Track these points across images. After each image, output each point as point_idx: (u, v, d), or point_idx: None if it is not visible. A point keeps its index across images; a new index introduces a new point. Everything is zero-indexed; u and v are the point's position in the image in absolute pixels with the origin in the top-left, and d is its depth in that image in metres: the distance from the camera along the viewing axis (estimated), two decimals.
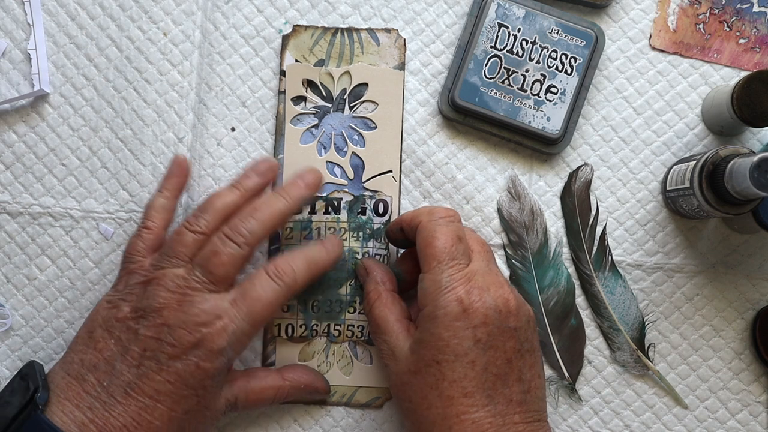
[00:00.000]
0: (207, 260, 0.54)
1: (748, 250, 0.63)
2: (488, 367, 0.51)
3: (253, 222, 0.55)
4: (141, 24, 0.63)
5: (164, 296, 0.53)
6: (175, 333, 0.52)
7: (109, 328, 0.54)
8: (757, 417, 0.63)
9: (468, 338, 0.51)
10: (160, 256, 0.55)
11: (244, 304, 0.53)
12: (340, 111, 0.63)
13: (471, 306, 0.51)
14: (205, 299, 0.53)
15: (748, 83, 0.58)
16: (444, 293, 0.52)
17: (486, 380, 0.51)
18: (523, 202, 0.63)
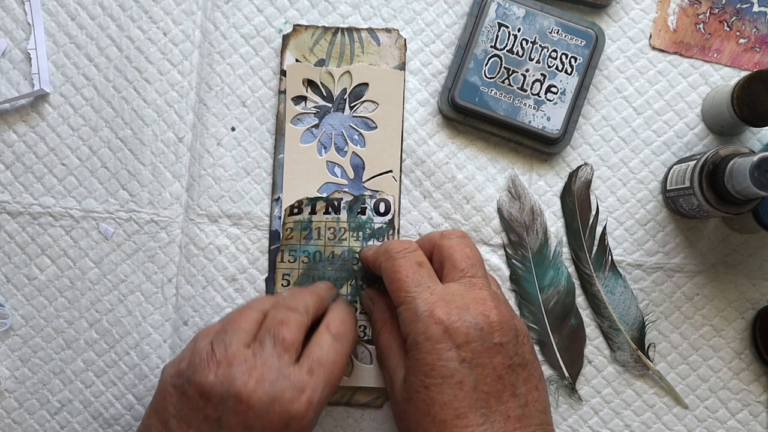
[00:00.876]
0: (275, 329, 0.53)
1: (748, 250, 0.63)
2: (478, 385, 0.50)
3: (305, 295, 0.56)
4: (141, 24, 0.63)
5: (241, 379, 0.50)
6: (264, 418, 0.50)
7: (185, 419, 0.51)
8: (757, 417, 0.63)
9: (452, 359, 0.50)
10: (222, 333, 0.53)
11: (321, 370, 0.52)
12: (341, 111, 0.63)
13: (452, 326, 0.51)
14: (284, 375, 0.51)
15: (748, 83, 0.58)
16: (422, 318, 0.51)
17: (478, 399, 0.50)
18: (523, 202, 0.63)
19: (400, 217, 0.63)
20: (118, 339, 0.62)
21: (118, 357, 0.62)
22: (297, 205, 0.63)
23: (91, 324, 0.62)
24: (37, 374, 0.62)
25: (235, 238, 0.63)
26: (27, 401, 0.62)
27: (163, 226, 0.63)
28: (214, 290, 0.62)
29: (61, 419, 0.62)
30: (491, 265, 0.63)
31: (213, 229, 0.63)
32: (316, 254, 0.62)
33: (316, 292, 0.57)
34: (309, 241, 0.63)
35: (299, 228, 0.63)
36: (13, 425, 0.62)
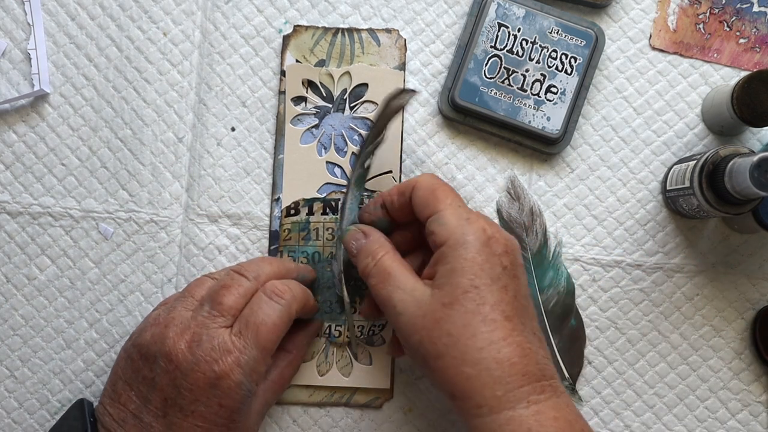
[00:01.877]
0: (215, 293, 0.54)
1: (748, 250, 0.63)
2: (517, 295, 0.51)
3: (264, 263, 0.57)
4: (141, 24, 0.63)
5: (173, 338, 0.52)
6: (189, 377, 0.51)
7: (128, 380, 0.54)
8: (757, 417, 0.63)
9: (497, 264, 0.51)
10: (174, 301, 0.55)
11: (248, 331, 0.53)
12: (341, 111, 0.63)
13: (494, 235, 0.51)
14: (212, 336, 0.52)
15: (748, 83, 0.57)
16: (469, 222, 0.52)
17: (518, 307, 0.51)
18: (523, 203, 0.63)
19: None
20: (118, 339, 0.62)
21: None
22: (294, 206, 0.63)
23: (91, 324, 0.62)
24: (37, 374, 0.62)
25: (234, 238, 0.63)
26: (27, 401, 0.62)
27: (162, 226, 0.63)
28: None
29: None
30: None
31: (213, 229, 0.63)
32: (315, 255, 0.62)
33: (279, 262, 0.58)
34: (308, 242, 0.63)
35: (297, 229, 0.62)
36: (13, 425, 0.62)
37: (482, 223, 0.52)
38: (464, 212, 0.52)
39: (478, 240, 0.51)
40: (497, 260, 0.51)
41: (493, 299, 0.50)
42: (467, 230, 0.51)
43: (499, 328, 0.49)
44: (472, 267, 0.50)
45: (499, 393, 0.48)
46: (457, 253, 0.51)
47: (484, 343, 0.49)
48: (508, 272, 0.51)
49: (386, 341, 0.62)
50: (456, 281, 0.50)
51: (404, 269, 0.53)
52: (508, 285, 0.50)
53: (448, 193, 0.54)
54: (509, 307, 0.50)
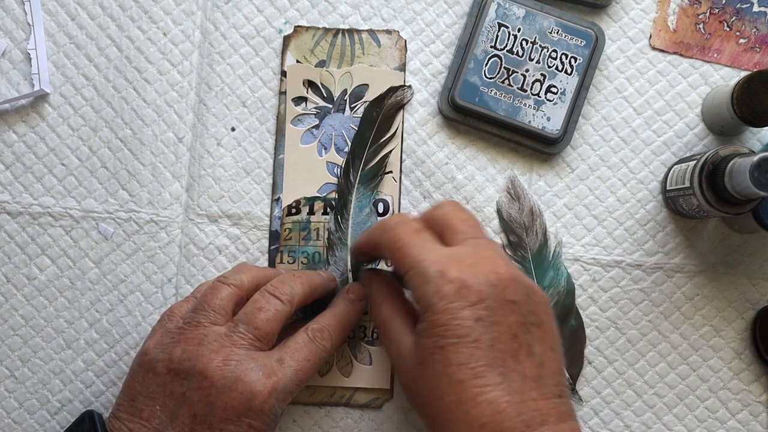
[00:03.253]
0: (252, 315, 0.53)
1: (748, 250, 0.63)
2: (494, 344, 0.48)
3: (296, 283, 0.56)
4: (141, 24, 0.63)
5: (208, 356, 0.52)
6: (225, 396, 0.51)
7: (151, 395, 0.52)
8: (757, 417, 0.63)
9: (468, 317, 0.48)
10: (193, 313, 0.54)
11: (292, 362, 0.53)
12: (341, 112, 0.63)
13: (464, 284, 0.48)
14: (252, 357, 0.52)
15: (748, 83, 0.57)
16: (433, 279, 0.49)
17: (495, 358, 0.48)
18: (523, 203, 0.63)
19: None
20: (118, 339, 0.62)
21: (118, 357, 0.62)
22: (295, 206, 0.63)
23: (91, 324, 0.62)
24: (38, 374, 0.62)
25: (234, 238, 0.63)
26: (27, 401, 0.62)
27: (162, 226, 0.63)
28: None
29: (61, 419, 0.62)
30: None
31: (213, 229, 0.63)
32: (315, 255, 0.62)
33: (308, 281, 0.57)
34: (308, 242, 0.63)
35: (298, 228, 0.63)
36: (13, 425, 0.62)
37: (453, 273, 0.49)
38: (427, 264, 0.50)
39: (445, 298, 0.48)
40: (468, 313, 0.48)
41: (460, 359, 0.47)
42: (431, 290, 0.49)
43: (466, 389, 0.47)
44: (437, 329, 0.48)
45: None
46: (424, 314, 0.49)
47: (451, 406, 0.48)
48: (483, 323, 0.48)
49: None
50: (423, 342, 0.49)
51: (397, 319, 0.53)
52: (480, 338, 0.48)
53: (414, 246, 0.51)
54: (481, 363, 0.47)
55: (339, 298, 0.59)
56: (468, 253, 0.51)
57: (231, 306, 0.55)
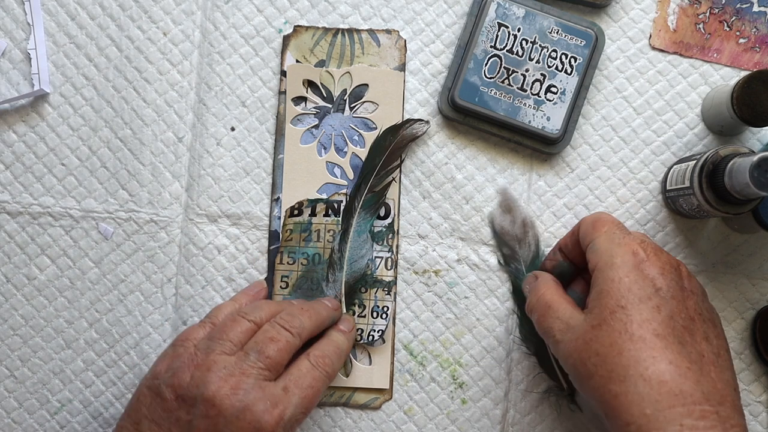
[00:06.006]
0: (263, 344, 0.54)
1: (748, 250, 0.63)
2: (673, 316, 0.49)
3: (305, 317, 0.57)
4: (141, 24, 0.63)
5: (216, 384, 0.52)
6: (233, 425, 0.51)
7: (157, 420, 0.52)
8: (757, 417, 0.63)
9: (648, 285, 0.50)
10: (208, 341, 0.55)
11: (297, 390, 0.53)
12: (341, 111, 0.63)
13: (647, 258, 0.51)
14: (260, 386, 0.52)
15: (748, 83, 0.57)
16: (619, 246, 0.52)
17: (674, 327, 0.49)
18: (515, 215, 0.62)
19: (399, 218, 0.63)
20: (117, 339, 0.62)
21: (118, 357, 0.62)
22: (297, 207, 0.63)
23: (91, 324, 0.62)
24: (37, 374, 0.62)
25: (234, 238, 0.63)
26: (27, 401, 0.62)
27: (162, 226, 0.63)
28: (213, 290, 0.63)
29: (61, 419, 0.62)
30: (490, 266, 0.63)
31: (212, 228, 0.63)
32: (316, 256, 0.62)
33: (317, 314, 0.58)
34: (308, 243, 0.63)
35: (299, 230, 0.63)
36: (13, 425, 0.62)
37: (634, 246, 0.51)
38: (618, 236, 0.52)
39: (626, 262, 0.50)
40: (648, 282, 0.50)
41: (640, 318, 0.48)
42: (616, 252, 0.51)
43: (647, 347, 0.48)
44: (619, 288, 0.50)
45: (647, 411, 0.46)
46: (604, 275, 0.51)
47: (630, 361, 0.48)
48: (663, 294, 0.49)
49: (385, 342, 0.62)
50: (603, 302, 0.50)
51: (563, 300, 0.54)
52: (660, 305, 0.49)
53: (605, 221, 0.54)
54: (661, 326, 0.48)
55: (331, 329, 0.60)
56: (653, 243, 0.53)
57: (246, 339, 0.55)
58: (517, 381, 0.63)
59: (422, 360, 0.63)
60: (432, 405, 0.62)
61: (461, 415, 0.62)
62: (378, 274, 0.62)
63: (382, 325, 0.62)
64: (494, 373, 0.63)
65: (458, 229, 0.63)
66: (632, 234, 0.53)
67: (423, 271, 0.63)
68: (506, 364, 0.63)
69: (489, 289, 0.63)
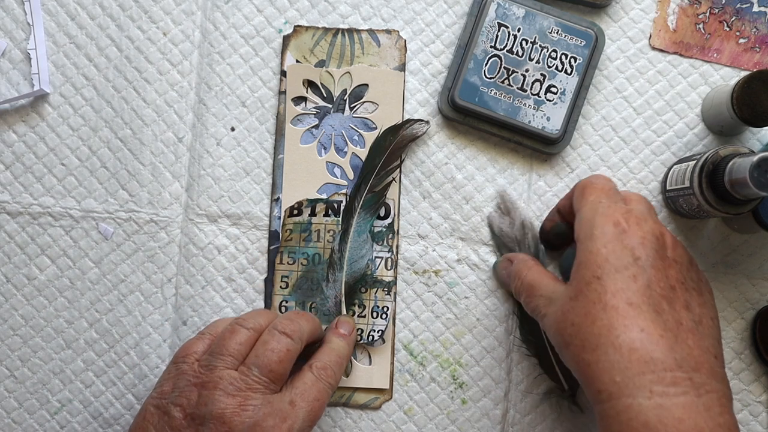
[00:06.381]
0: (265, 357, 0.54)
1: (748, 250, 0.63)
2: (650, 284, 0.49)
3: (302, 320, 0.57)
4: (141, 24, 0.63)
5: (225, 401, 0.52)
6: None
7: None
8: (757, 417, 0.63)
9: (627, 255, 0.49)
10: (210, 356, 0.55)
11: (303, 404, 0.54)
12: (341, 111, 0.63)
13: (628, 229, 0.50)
14: (268, 401, 0.53)
15: (748, 83, 0.57)
16: (601, 216, 0.51)
17: (651, 296, 0.48)
18: (514, 217, 0.62)
19: (399, 218, 0.63)
20: (117, 339, 0.62)
21: (118, 357, 0.62)
22: (297, 207, 0.63)
23: (91, 324, 0.62)
24: (37, 374, 0.62)
25: (234, 238, 0.63)
26: (27, 401, 0.62)
27: (162, 226, 0.63)
28: (213, 290, 0.63)
29: (61, 419, 0.62)
30: (491, 266, 0.63)
31: (212, 229, 0.63)
32: (316, 256, 0.62)
33: (313, 318, 0.59)
34: (308, 243, 0.63)
35: (299, 230, 0.63)
36: (13, 425, 0.62)
37: (617, 216, 0.51)
38: (602, 206, 0.52)
39: (606, 233, 0.50)
40: (627, 252, 0.49)
41: (614, 287, 0.48)
42: (597, 223, 0.51)
43: (619, 315, 0.48)
44: (596, 259, 0.50)
45: (617, 378, 0.47)
46: (584, 246, 0.51)
47: (602, 329, 0.48)
48: (641, 263, 0.49)
49: (385, 342, 0.62)
50: (581, 274, 0.50)
51: (544, 277, 0.55)
52: (637, 275, 0.49)
53: (594, 188, 0.54)
54: (636, 295, 0.48)
55: (330, 333, 0.60)
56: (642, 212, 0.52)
57: (247, 350, 0.55)
58: (517, 381, 0.63)
59: (422, 360, 0.63)
60: (432, 405, 0.62)
61: (461, 415, 0.62)
62: (378, 274, 0.62)
63: (382, 326, 0.62)
64: (494, 373, 0.63)
65: (458, 229, 0.63)
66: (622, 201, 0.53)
67: (423, 271, 0.63)
68: (506, 365, 0.63)
69: (489, 289, 0.63)
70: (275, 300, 0.62)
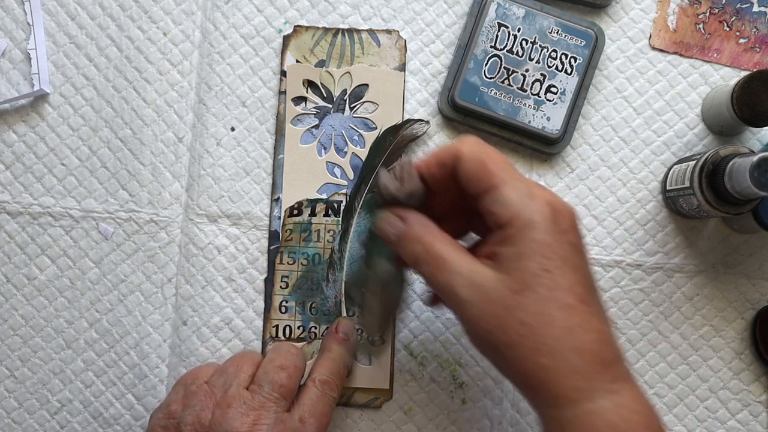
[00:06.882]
0: (275, 374, 0.54)
1: (748, 250, 0.63)
2: (586, 272, 0.47)
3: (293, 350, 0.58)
4: (141, 24, 0.63)
5: (240, 420, 0.52)
6: None
7: None
8: (757, 417, 0.63)
9: (565, 242, 0.46)
10: (220, 377, 0.55)
11: (312, 420, 0.54)
12: (341, 111, 0.63)
13: (561, 210, 0.47)
14: (281, 420, 0.53)
15: (748, 83, 0.57)
16: (533, 198, 0.46)
17: (590, 287, 0.47)
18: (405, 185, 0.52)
19: None
20: (117, 339, 0.62)
21: (118, 357, 0.62)
22: (297, 207, 0.63)
23: (91, 324, 0.62)
24: (37, 374, 0.62)
25: (234, 238, 0.63)
26: (27, 401, 0.62)
27: (162, 226, 0.63)
28: (213, 290, 0.63)
29: (61, 419, 0.62)
30: None
31: (212, 229, 0.63)
32: (315, 256, 0.62)
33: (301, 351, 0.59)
34: (308, 243, 0.63)
35: (299, 230, 0.63)
36: (13, 425, 0.62)
37: (546, 195, 0.47)
38: (524, 186, 0.47)
39: (546, 219, 0.46)
40: (564, 238, 0.46)
41: (566, 282, 0.45)
42: (533, 209, 0.46)
43: (575, 314, 0.45)
44: (542, 249, 0.45)
45: (579, 384, 0.45)
46: (523, 234, 0.46)
47: (561, 332, 0.45)
48: (576, 249, 0.47)
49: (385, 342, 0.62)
50: (525, 266, 0.46)
51: (459, 252, 0.48)
52: (577, 264, 0.46)
53: (501, 164, 0.48)
54: (583, 289, 0.46)
55: (330, 339, 0.60)
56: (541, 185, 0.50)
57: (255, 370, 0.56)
58: None
59: (422, 360, 0.63)
60: (432, 405, 0.62)
61: (461, 415, 0.62)
62: None
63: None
64: (494, 373, 0.63)
65: None
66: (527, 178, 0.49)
67: None
68: None
69: None
70: (275, 300, 0.62)
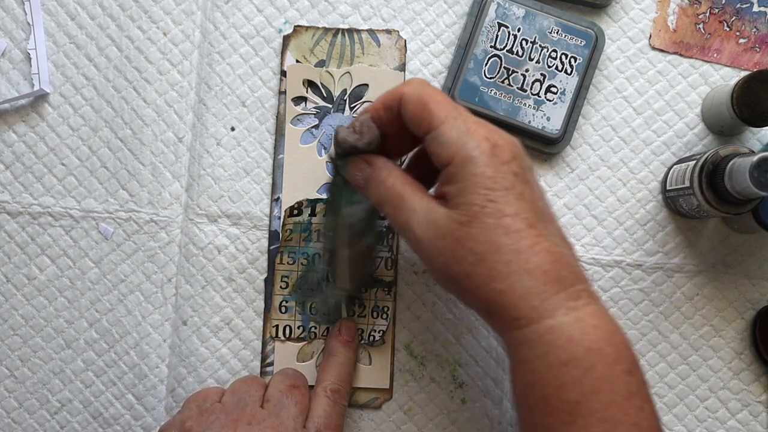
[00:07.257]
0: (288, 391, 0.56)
1: (748, 250, 0.63)
2: (534, 199, 0.48)
3: None
4: (141, 24, 0.63)
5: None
6: None
7: None
8: (757, 417, 0.63)
9: (507, 172, 0.47)
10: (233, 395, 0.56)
11: None
12: (341, 111, 0.63)
13: (497, 143, 0.48)
14: None
15: (748, 83, 0.57)
16: (471, 135, 0.48)
17: (537, 212, 0.48)
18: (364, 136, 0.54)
19: None
20: (117, 339, 0.62)
21: (118, 357, 0.62)
22: (297, 207, 0.63)
23: (91, 324, 0.62)
24: (37, 374, 0.62)
25: (234, 238, 0.63)
26: (27, 401, 0.62)
27: (162, 225, 0.63)
28: (213, 290, 0.63)
29: (61, 419, 0.62)
30: None
31: (212, 228, 0.63)
32: (315, 256, 0.62)
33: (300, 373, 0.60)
34: (308, 243, 0.63)
35: (299, 230, 0.63)
36: (13, 425, 0.62)
37: (483, 131, 0.48)
38: (462, 123, 0.48)
39: (484, 152, 0.47)
40: (507, 168, 0.47)
41: (511, 210, 0.47)
42: (470, 145, 0.48)
43: (524, 238, 0.46)
44: (484, 181, 0.47)
45: (535, 303, 0.46)
46: (464, 170, 0.48)
47: (511, 256, 0.46)
48: (520, 178, 0.48)
49: (385, 342, 0.62)
50: (469, 199, 0.47)
51: (416, 190, 0.51)
52: (523, 192, 0.47)
53: (441, 104, 0.49)
54: (530, 214, 0.47)
55: (334, 341, 0.60)
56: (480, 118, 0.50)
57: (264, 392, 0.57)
58: None
59: (422, 360, 0.63)
60: (432, 405, 0.62)
61: (461, 415, 0.62)
62: (378, 274, 0.62)
63: (382, 326, 0.62)
64: (494, 373, 0.63)
65: None
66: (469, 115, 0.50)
67: (423, 271, 0.63)
68: (506, 365, 0.63)
69: None
70: (275, 300, 0.62)
